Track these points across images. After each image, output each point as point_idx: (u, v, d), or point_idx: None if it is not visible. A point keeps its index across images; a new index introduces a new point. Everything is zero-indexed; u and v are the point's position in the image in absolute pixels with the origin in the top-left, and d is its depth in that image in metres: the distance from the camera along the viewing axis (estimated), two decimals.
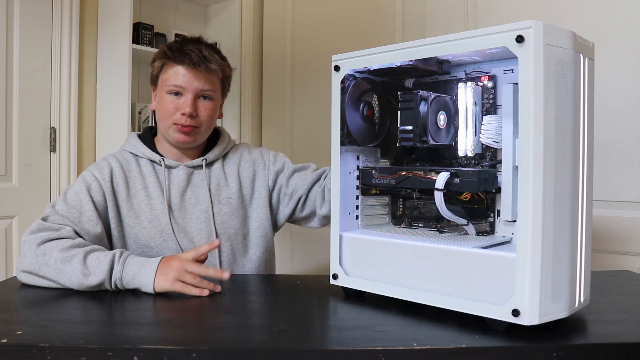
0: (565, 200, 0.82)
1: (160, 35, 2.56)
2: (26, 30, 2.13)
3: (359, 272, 1.02)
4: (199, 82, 1.28)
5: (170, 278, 1.04)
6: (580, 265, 0.86)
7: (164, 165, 1.32)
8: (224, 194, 1.36)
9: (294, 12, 2.79)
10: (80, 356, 0.75)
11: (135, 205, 1.29)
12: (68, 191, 1.24)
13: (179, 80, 1.28)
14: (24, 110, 2.13)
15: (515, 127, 0.86)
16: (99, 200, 1.25)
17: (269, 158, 1.44)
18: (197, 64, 1.27)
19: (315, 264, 2.64)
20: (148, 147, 1.35)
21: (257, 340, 0.83)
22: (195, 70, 1.28)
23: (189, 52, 1.28)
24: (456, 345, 0.77)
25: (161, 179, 1.32)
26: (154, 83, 1.36)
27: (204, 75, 1.29)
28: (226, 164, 1.40)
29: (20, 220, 2.13)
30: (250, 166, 1.41)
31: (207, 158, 1.37)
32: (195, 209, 1.33)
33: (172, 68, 1.29)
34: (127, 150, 1.36)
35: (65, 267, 1.05)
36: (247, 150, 1.45)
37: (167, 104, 1.29)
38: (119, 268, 1.06)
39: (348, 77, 1.06)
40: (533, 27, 0.78)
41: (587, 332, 0.84)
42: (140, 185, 1.31)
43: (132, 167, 1.32)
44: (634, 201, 1.69)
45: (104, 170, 1.28)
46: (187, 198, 1.33)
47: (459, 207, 1.03)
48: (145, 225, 1.28)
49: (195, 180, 1.35)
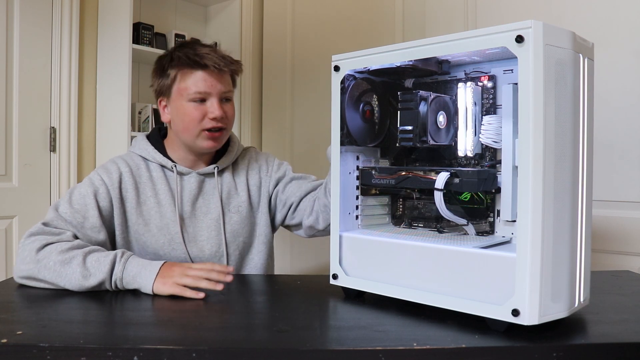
0: (565, 200, 0.82)
1: (160, 35, 2.56)
2: (26, 30, 2.13)
3: (359, 272, 1.02)
4: (222, 85, 1.26)
5: (169, 282, 1.03)
6: (580, 265, 0.86)
7: (176, 172, 1.30)
8: (234, 203, 1.34)
9: (294, 12, 2.79)
10: (80, 356, 0.75)
11: (145, 213, 1.27)
12: (74, 192, 1.21)
13: (203, 86, 1.24)
14: (24, 110, 2.13)
15: (515, 127, 0.86)
16: (105, 206, 1.22)
17: (273, 166, 1.42)
18: (221, 66, 1.24)
19: (315, 264, 2.64)
20: (158, 150, 1.31)
21: (257, 340, 0.83)
22: (218, 73, 1.25)
23: (208, 55, 1.24)
24: (456, 345, 0.77)
25: (172, 185, 1.30)
26: (164, 94, 1.30)
27: (225, 77, 1.27)
28: (236, 172, 1.38)
29: (20, 220, 2.13)
30: (257, 174, 1.40)
31: (219, 166, 1.34)
32: (206, 218, 1.31)
33: (191, 75, 1.24)
34: (137, 154, 1.32)
35: (65, 270, 1.05)
36: (254, 157, 1.43)
37: (192, 111, 1.24)
38: (120, 268, 1.06)
39: (348, 77, 1.06)
40: (533, 27, 0.78)
41: (587, 332, 0.84)
42: (151, 192, 1.28)
43: (142, 172, 1.29)
44: (634, 201, 1.69)
45: (113, 175, 1.25)
46: (198, 206, 1.31)
47: (458, 207, 1.03)
48: (155, 233, 1.26)
49: (207, 188, 1.33)
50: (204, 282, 1.04)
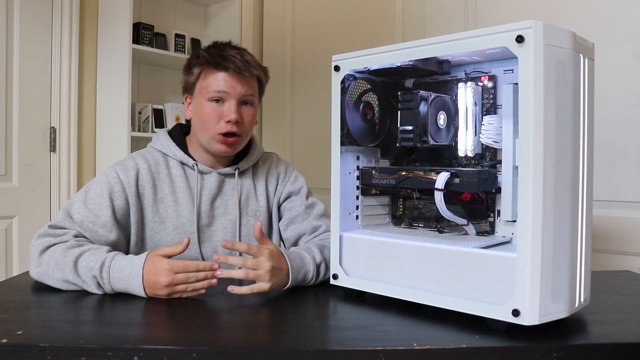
0: (565, 200, 0.82)
1: (160, 35, 2.56)
2: (26, 30, 2.13)
3: (359, 272, 1.02)
4: (242, 87, 1.24)
5: (163, 295, 1.01)
6: (580, 265, 0.86)
7: (197, 170, 1.28)
8: (252, 206, 1.33)
9: (294, 12, 2.79)
10: (80, 356, 0.75)
11: (162, 211, 1.25)
12: (89, 191, 1.19)
13: (222, 86, 1.23)
14: (24, 110, 2.14)
15: (515, 127, 0.86)
16: (121, 205, 1.20)
17: (290, 177, 1.40)
18: (241, 69, 1.23)
19: None
20: (180, 147, 1.30)
21: (257, 340, 0.83)
22: (239, 75, 1.24)
23: (232, 57, 1.23)
24: (456, 345, 0.77)
25: (192, 183, 1.28)
26: (189, 91, 1.30)
27: (247, 80, 1.25)
28: (256, 176, 1.37)
29: (20, 220, 2.13)
30: (275, 180, 1.39)
31: (240, 167, 1.33)
32: (223, 218, 1.30)
33: (213, 74, 1.24)
34: (157, 149, 1.30)
35: (61, 277, 1.04)
36: (275, 163, 1.41)
37: (209, 112, 1.23)
38: (108, 287, 1.03)
39: (348, 77, 1.06)
40: (533, 27, 0.78)
41: (587, 332, 0.84)
42: (169, 190, 1.26)
43: (160, 168, 1.28)
44: (634, 201, 1.69)
45: (130, 172, 1.23)
46: (216, 206, 1.30)
47: (459, 207, 1.03)
48: (170, 232, 1.25)
49: (226, 188, 1.32)
50: (197, 284, 1.02)
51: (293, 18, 2.79)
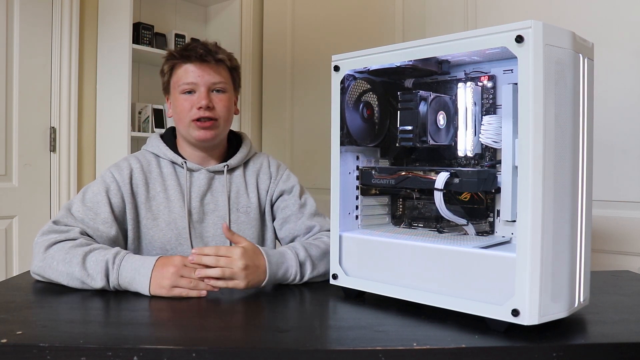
0: (565, 200, 0.82)
1: (160, 35, 2.56)
2: (26, 30, 2.13)
3: (358, 272, 1.02)
4: (210, 76, 1.29)
5: (166, 286, 1.03)
6: (579, 265, 0.86)
7: (185, 168, 1.32)
8: (242, 203, 1.35)
9: (294, 12, 2.79)
10: (80, 356, 0.75)
11: (154, 207, 1.29)
12: (87, 191, 1.23)
13: (190, 77, 1.28)
14: (24, 110, 2.14)
15: (515, 127, 0.86)
16: (117, 202, 1.24)
17: (282, 175, 1.41)
18: (204, 56, 1.28)
19: None
20: (170, 148, 1.34)
21: (257, 340, 0.83)
22: (204, 64, 1.29)
23: (194, 47, 1.29)
24: (456, 345, 0.77)
25: (182, 181, 1.32)
26: (166, 90, 1.36)
27: (214, 67, 1.30)
28: (247, 173, 1.39)
29: (20, 220, 2.14)
30: (267, 179, 1.40)
31: (230, 164, 1.35)
32: (214, 215, 1.32)
33: (181, 68, 1.30)
34: (149, 151, 1.35)
35: (66, 270, 1.06)
36: (267, 162, 1.43)
37: (182, 102, 1.29)
38: (115, 275, 1.05)
39: (348, 77, 1.06)
40: (533, 27, 0.78)
41: (587, 332, 0.84)
42: (160, 187, 1.30)
43: (152, 167, 1.32)
44: (634, 201, 1.69)
45: (124, 171, 1.27)
46: (206, 202, 1.32)
47: (458, 207, 1.03)
48: (163, 228, 1.28)
49: (216, 185, 1.34)
50: (200, 283, 1.04)
51: (293, 18, 2.79)
